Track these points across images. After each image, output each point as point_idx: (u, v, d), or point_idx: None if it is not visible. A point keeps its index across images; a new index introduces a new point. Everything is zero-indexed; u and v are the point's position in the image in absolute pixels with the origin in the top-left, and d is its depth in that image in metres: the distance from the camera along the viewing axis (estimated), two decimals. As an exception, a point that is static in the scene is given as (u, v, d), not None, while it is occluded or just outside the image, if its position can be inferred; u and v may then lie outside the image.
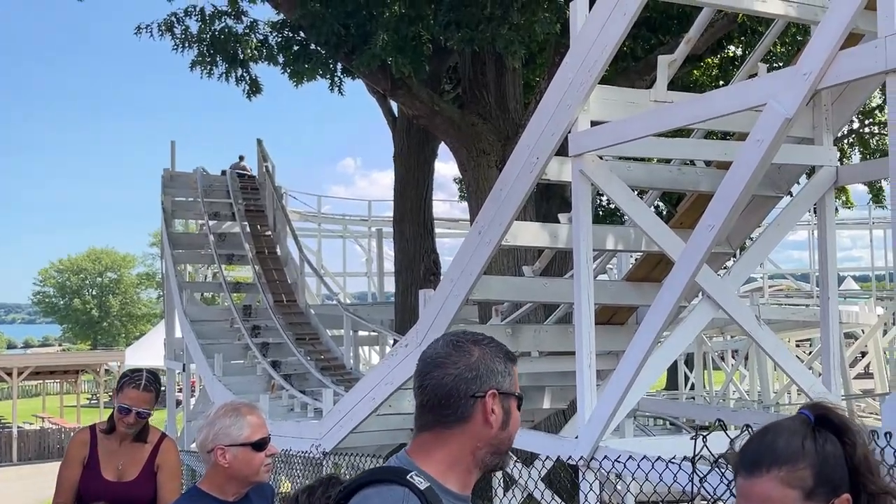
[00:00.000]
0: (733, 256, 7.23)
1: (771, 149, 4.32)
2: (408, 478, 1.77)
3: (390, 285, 19.82)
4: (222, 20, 13.82)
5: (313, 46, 13.23)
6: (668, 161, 6.92)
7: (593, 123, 5.51)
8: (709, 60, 15.26)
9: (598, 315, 5.99)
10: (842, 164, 8.45)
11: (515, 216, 6.07)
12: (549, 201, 13.83)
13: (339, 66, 14.11)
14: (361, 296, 34.06)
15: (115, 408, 4.23)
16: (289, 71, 13.83)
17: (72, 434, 7.70)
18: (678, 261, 4.92)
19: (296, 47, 13.67)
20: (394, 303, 17.26)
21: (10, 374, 28.91)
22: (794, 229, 17.06)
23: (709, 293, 5.10)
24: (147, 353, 31.14)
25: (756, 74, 6.11)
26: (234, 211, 19.57)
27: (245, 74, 13.97)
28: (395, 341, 11.28)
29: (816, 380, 5.75)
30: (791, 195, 6.70)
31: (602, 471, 5.21)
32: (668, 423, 15.05)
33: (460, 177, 17.40)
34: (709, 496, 4.30)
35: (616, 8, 5.18)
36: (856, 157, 18.07)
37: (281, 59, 13.82)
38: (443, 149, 16.32)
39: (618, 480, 5.84)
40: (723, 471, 4.07)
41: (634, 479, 5.30)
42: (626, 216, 6.87)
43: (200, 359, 15.10)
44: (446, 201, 39.39)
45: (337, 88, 14.57)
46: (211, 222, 19.28)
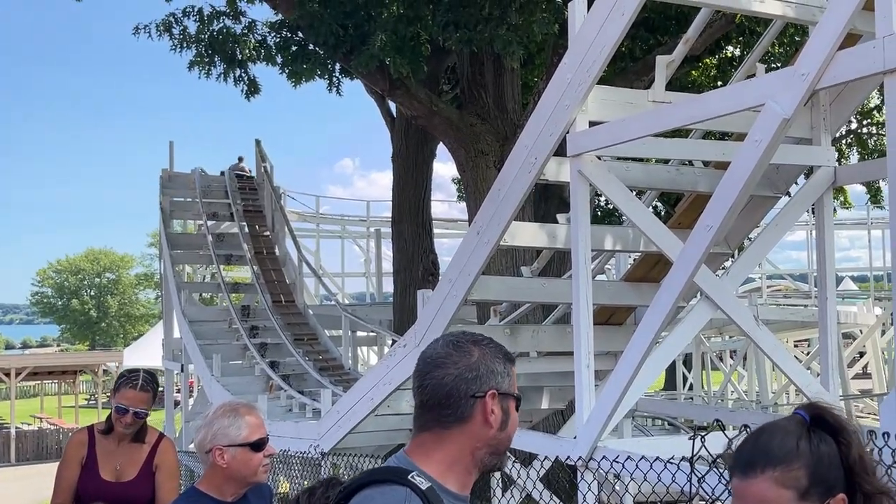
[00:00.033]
0: (731, 257, 7.24)
1: (769, 149, 4.32)
2: (409, 478, 1.77)
3: (389, 286, 19.84)
4: (220, 20, 13.79)
5: (311, 47, 13.21)
6: (666, 161, 6.93)
7: (591, 124, 5.52)
8: (707, 61, 15.26)
9: (596, 315, 6.00)
10: (840, 165, 8.45)
11: (514, 216, 6.07)
12: (547, 201, 13.86)
13: (338, 66, 14.09)
14: (360, 296, 34.01)
15: (113, 408, 4.24)
16: (287, 71, 13.81)
17: (70, 434, 7.71)
18: (676, 261, 4.93)
19: (294, 47, 13.65)
20: (392, 303, 17.26)
21: (8, 375, 28.90)
22: (792, 229, 17.09)
23: (707, 293, 5.11)
24: (145, 353, 31.16)
25: (754, 75, 6.11)
26: (232, 211, 19.56)
27: (243, 75, 13.97)
28: (394, 342, 11.27)
29: (815, 380, 5.75)
30: (789, 195, 6.72)
31: (600, 471, 5.21)
32: (666, 423, 15.01)
33: (459, 177, 17.41)
34: (707, 496, 4.31)
35: (614, 8, 5.18)
36: (854, 157, 18.04)
37: (279, 59, 13.80)
38: (441, 149, 16.34)
39: (616, 481, 5.84)
40: (721, 471, 4.07)
41: (633, 479, 5.30)
42: (624, 216, 6.87)
43: (199, 359, 15.08)
44: (445, 202, 39.29)
45: (335, 89, 14.54)
46: (209, 223, 19.27)
